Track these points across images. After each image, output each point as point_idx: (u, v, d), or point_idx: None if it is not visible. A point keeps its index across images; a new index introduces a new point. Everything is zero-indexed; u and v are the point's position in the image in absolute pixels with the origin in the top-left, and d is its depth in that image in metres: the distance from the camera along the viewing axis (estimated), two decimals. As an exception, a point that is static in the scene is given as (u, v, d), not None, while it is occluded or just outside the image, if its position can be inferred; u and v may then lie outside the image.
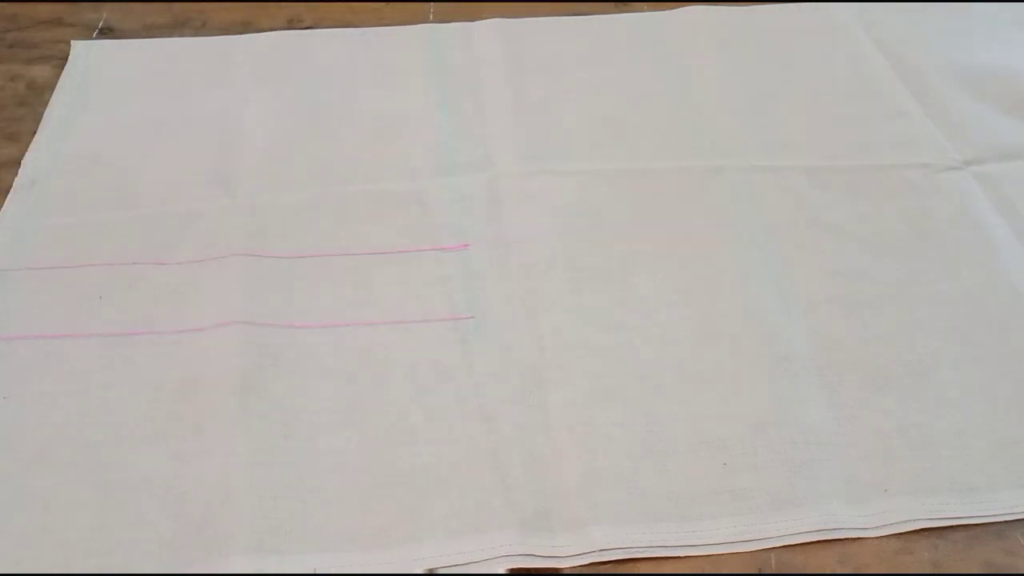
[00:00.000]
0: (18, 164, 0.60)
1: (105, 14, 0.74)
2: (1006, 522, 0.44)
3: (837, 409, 0.48)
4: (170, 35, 0.72)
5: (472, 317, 0.52)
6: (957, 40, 0.72)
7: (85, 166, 0.60)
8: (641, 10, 0.74)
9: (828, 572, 0.42)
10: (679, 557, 0.43)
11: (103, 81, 0.67)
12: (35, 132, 0.63)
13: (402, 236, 0.56)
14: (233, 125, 0.64)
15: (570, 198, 0.59)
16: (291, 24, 0.73)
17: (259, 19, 0.73)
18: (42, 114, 0.64)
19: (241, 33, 0.72)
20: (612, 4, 0.75)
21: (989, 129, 0.64)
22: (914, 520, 0.44)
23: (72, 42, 0.70)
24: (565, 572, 0.42)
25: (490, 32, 0.72)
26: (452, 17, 0.74)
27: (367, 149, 0.62)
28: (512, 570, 0.42)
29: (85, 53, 0.69)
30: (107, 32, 0.72)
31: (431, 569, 0.41)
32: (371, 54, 0.70)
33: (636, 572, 0.42)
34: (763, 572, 0.42)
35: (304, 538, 0.43)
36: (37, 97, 0.66)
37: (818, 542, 0.43)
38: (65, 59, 0.69)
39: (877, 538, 0.43)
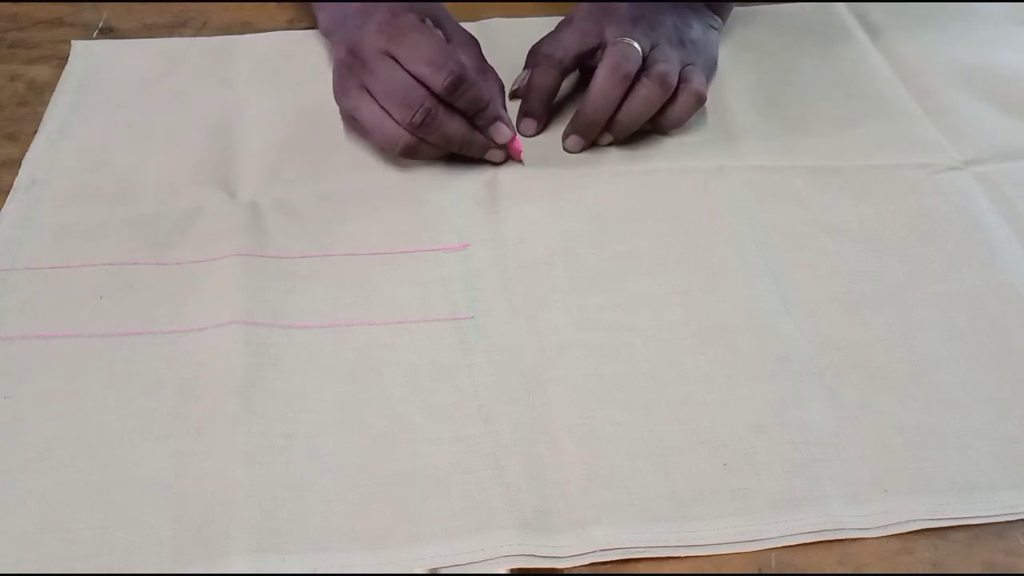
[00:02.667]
0: (18, 164, 0.60)
1: (105, 14, 0.74)
2: (1006, 522, 0.44)
3: (837, 409, 0.48)
4: (170, 35, 0.72)
5: (472, 317, 0.52)
6: (957, 40, 0.72)
7: (85, 166, 0.60)
8: (641, 10, 0.74)
9: (828, 572, 0.42)
10: (679, 557, 0.43)
11: (103, 81, 0.67)
12: (35, 132, 0.63)
13: (402, 236, 0.56)
14: (233, 125, 0.64)
15: (570, 198, 0.59)
16: (291, 24, 0.73)
17: (259, 19, 0.73)
18: (42, 114, 0.64)
19: (241, 33, 0.72)
20: (612, 4, 0.75)
21: (989, 129, 0.64)
22: (914, 520, 0.44)
23: (72, 42, 0.70)
24: (565, 572, 0.42)
25: (490, 32, 0.72)
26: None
27: (367, 149, 0.62)
28: (512, 570, 0.42)
29: (85, 53, 0.69)
30: (107, 32, 0.72)
31: (431, 569, 0.41)
32: (371, 54, 0.70)
33: (636, 572, 0.42)
34: (763, 572, 0.42)
35: (304, 538, 0.43)
36: (37, 97, 0.66)
37: (818, 542, 0.43)
38: (65, 59, 0.69)
39: (877, 538, 0.43)
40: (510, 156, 0.60)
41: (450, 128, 0.57)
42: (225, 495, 0.44)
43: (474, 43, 0.62)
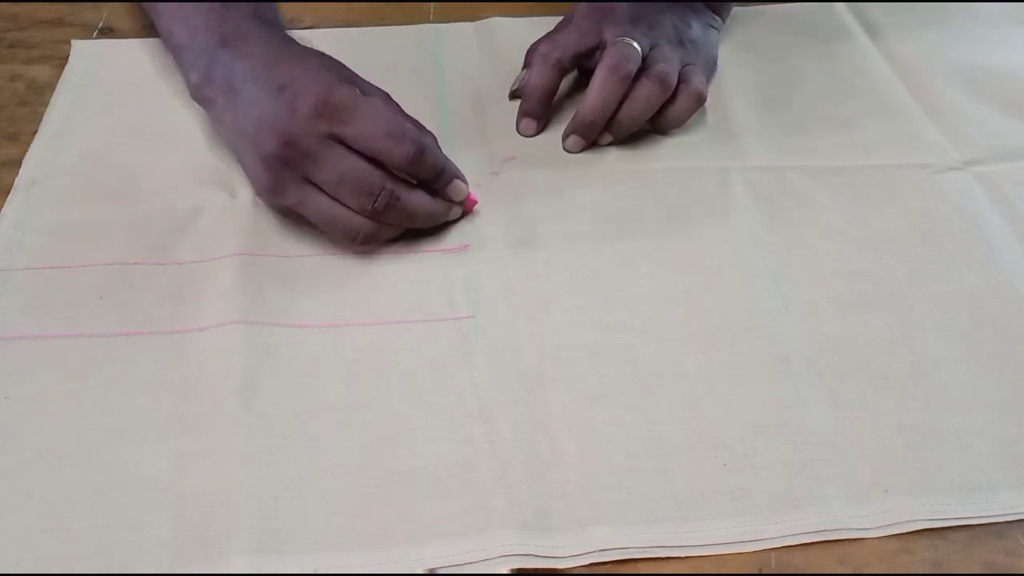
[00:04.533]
0: (18, 164, 0.60)
1: (105, 14, 0.74)
2: (1006, 522, 0.44)
3: (837, 409, 0.48)
4: (170, 35, 0.72)
5: (472, 317, 0.52)
6: (957, 40, 0.72)
7: (85, 166, 0.60)
8: (641, 10, 0.74)
9: (828, 572, 0.42)
10: (679, 557, 0.43)
11: (103, 81, 0.67)
12: (35, 132, 0.63)
13: (402, 236, 0.56)
14: (233, 125, 0.64)
15: (570, 198, 0.59)
16: (291, 24, 0.72)
17: (259, 19, 0.73)
18: (42, 114, 0.64)
19: (241, 33, 0.72)
20: (612, 4, 0.75)
21: (989, 129, 0.64)
22: (914, 520, 0.44)
23: (72, 42, 0.70)
24: (565, 572, 0.42)
25: (490, 31, 0.72)
26: (452, 17, 0.74)
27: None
28: (512, 570, 0.42)
29: (85, 53, 0.69)
30: (107, 32, 0.72)
31: (432, 569, 0.41)
32: (371, 54, 0.69)
33: (636, 572, 0.42)
34: (763, 572, 0.42)
35: (304, 538, 0.43)
36: (37, 97, 0.66)
37: (818, 542, 0.43)
38: (65, 59, 0.69)
39: (877, 538, 0.43)
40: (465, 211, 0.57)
41: (412, 204, 0.53)
42: (225, 495, 0.44)
43: (390, 97, 0.56)
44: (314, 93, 0.51)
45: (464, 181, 0.56)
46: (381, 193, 0.51)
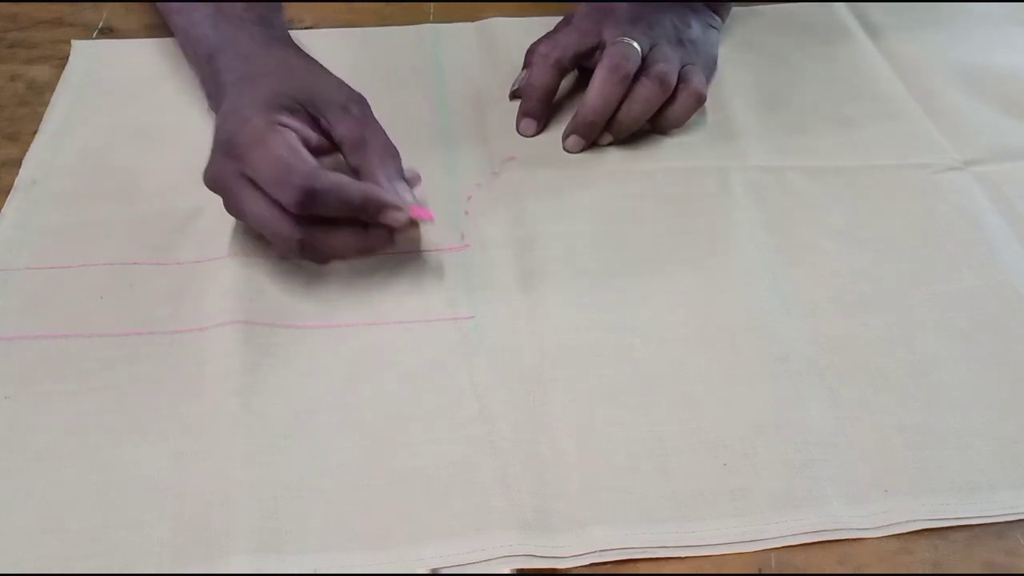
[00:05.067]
0: (18, 164, 0.60)
1: (105, 14, 0.74)
2: (1006, 522, 0.44)
3: (837, 409, 0.48)
4: (170, 35, 0.72)
5: (472, 317, 0.52)
6: (957, 40, 0.72)
7: (85, 166, 0.60)
8: (641, 10, 0.74)
9: (828, 572, 0.42)
10: (679, 557, 0.43)
11: (103, 81, 0.67)
12: (35, 132, 0.62)
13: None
14: (233, 125, 0.64)
15: (570, 198, 0.59)
16: (291, 24, 0.72)
17: (259, 19, 0.73)
18: (42, 114, 0.64)
19: (241, 33, 0.71)
20: (612, 4, 0.75)
21: (989, 129, 0.64)
22: (914, 520, 0.44)
23: (72, 42, 0.70)
24: (565, 572, 0.42)
25: (490, 32, 0.72)
26: (452, 17, 0.73)
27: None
28: (513, 570, 0.42)
29: (85, 53, 0.69)
30: (107, 32, 0.72)
31: (432, 569, 0.41)
32: (371, 54, 0.70)
33: (636, 572, 0.42)
34: (763, 572, 0.42)
35: (304, 538, 0.43)
36: (37, 97, 0.66)
37: (818, 542, 0.43)
38: (65, 59, 0.69)
39: (877, 538, 0.43)
40: (416, 222, 0.52)
41: (332, 246, 0.50)
42: (225, 495, 0.44)
43: (359, 103, 0.52)
44: (227, 131, 0.49)
45: (397, 208, 0.49)
46: (292, 243, 0.49)
